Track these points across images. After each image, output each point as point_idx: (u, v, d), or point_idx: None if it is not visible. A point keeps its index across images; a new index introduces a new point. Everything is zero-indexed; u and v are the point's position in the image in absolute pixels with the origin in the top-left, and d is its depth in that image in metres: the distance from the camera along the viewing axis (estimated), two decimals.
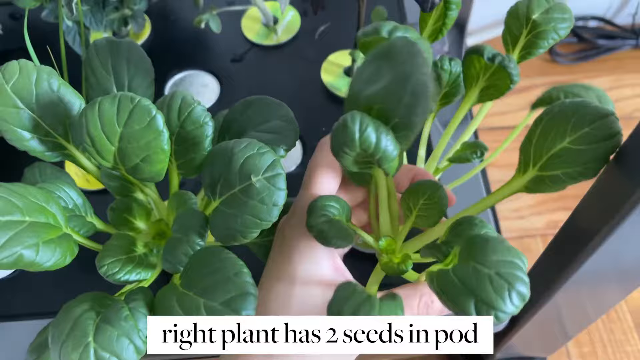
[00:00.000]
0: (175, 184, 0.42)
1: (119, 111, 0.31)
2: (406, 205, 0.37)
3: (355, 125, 0.29)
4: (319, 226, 0.34)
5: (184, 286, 0.32)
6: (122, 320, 0.30)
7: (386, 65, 0.31)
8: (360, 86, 0.32)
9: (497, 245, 0.28)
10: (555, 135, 0.30)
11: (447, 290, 0.28)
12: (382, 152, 0.30)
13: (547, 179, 0.31)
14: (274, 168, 0.32)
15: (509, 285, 0.26)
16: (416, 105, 0.30)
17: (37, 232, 0.31)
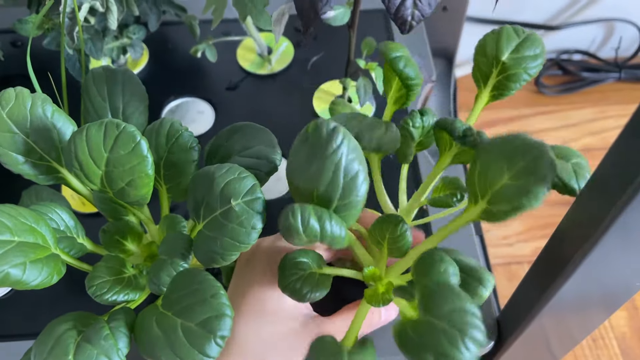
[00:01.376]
0: (166, 207, 0.43)
1: (105, 137, 0.33)
2: (375, 240, 0.38)
3: (297, 221, 0.31)
4: (292, 285, 0.35)
5: (164, 307, 0.33)
6: (102, 339, 0.31)
7: (316, 148, 0.32)
8: (296, 172, 0.34)
9: (447, 294, 0.29)
10: (495, 173, 0.31)
11: (408, 346, 0.29)
12: (329, 237, 0.32)
13: (496, 212, 0.32)
14: (253, 192, 0.33)
15: (461, 334, 0.27)
16: (352, 189, 0.32)
17: (25, 251, 0.33)
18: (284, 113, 0.62)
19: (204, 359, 0.30)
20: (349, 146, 0.32)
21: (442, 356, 0.27)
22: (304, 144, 0.33)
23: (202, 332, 0.30)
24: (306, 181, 0.33)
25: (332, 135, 0.32)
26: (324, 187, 0.32)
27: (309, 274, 0.36)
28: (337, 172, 0.32)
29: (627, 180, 0.28)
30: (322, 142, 0.32)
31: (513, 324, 0.45)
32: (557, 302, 0.39)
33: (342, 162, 0.32)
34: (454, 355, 0.27)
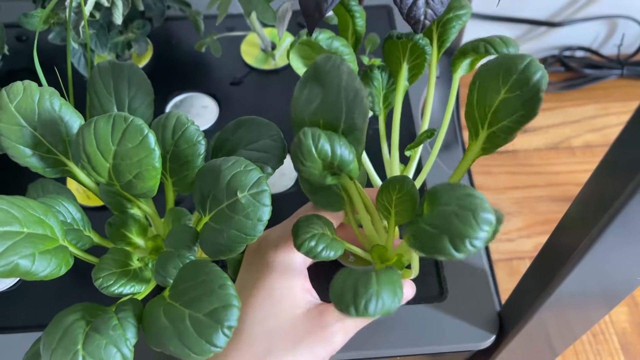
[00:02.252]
0: (171, 200, 0.44)
1: (113, 130, 0.33)
2: (382, 205, 0.39)
3: (309, 140, 0.32)
4: (307, 243, 0.36)
5: (171, 298, 0.33)
6: (111, 329, 0.32)
7: (317, 83, 0.34)
8: (302, 107, 0.35)
9: (455, 187, 0.30)
10: (492, 92, 0.34)
11: (422, 239, 0.30)
12: (340, 157, 0.33)
13: (498, 132, 0.34)
14: (259, 185, 0.34)
15: (472, 212, 0.28)
16: (354, 109, 0.33)
17: (34, 243, 0.33)
18: (288, 108, 0.61)
19: (211, 349, 0.30)
20: (348, 69, 0.33)
21: (457, 237, 0.28)
22: (305, 85, 0.35)
23: (210, 323, 0.30)
24: (311, 116, 0.35)
25: (330, 61, 0.34)
26: (328, 112, 0.34)
27: (322, 234, 0.36)
28: (339, 92, 0.33)
29: (628, 177, 0.28)
30: (322, 74, 0.34)
31: (514, 318, 0.45)
32: (557, 297, 0.39)
33: (342, 82, 0.33)
34: (468, 233, 0.28)
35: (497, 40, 0.44)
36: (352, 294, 0.30)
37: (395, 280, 0.31)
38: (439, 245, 0.28)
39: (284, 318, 0.37)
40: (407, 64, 0.47)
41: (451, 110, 0.48)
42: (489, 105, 0.34)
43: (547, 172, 0.77)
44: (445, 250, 0.28)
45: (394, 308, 0.30)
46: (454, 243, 0.28)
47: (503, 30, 0.86)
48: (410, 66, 0.47)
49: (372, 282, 0.30)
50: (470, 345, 0.47)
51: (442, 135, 0.48)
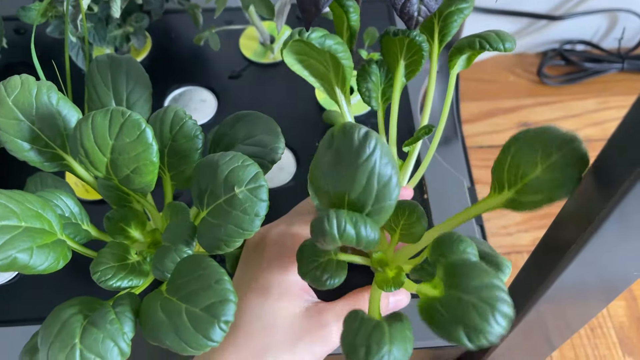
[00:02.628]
0: (170, 194, 0.44)
1: (110, 124, 0.33)
2: (389, 226, 0.39)
3: (333, 228, 0.31)
4: (312, 273, 0.36)
5: (168, 292, 0.33)
6: (108, 323, 0.32)
7: (346, 154, 0.32)
8: (326, 172, 0.33)
9: (474, 269, 0.29)
10: (527, 165, 0.32)
11: (437, 322, 0.29)
12: (365, 241, 0.32)
13: (525, 202, 0.33)
14: (256, 180, 0.34)
15: (491, 308, 0.28)
16: (385, 195, 0.32)
17: (32, 237, 0.33)
18: (286, 102, 0.62)
19: (208, 343, 0.30)
20: (382, 151, 0.31)
21: (472, 330, 0.28)
22: (329, 148, 0.33)
23: (206, 317, 0.30)
24: (336, 186, 0.33)
25: (365, 141, 0.31)
26: (357, 193, 0.32)
27: (328, 261, 0.36)
28: (371, 179, 0.31)
29: (626, 170, 0.28)
30: (354, 149, 0.31)
31: None
32: (555, 291, 0.39)
33: (375, 168, 0.31)
34: (484, 329, 0.27)
35: (493, 36, 0.44)
36: (365, 350, 0.30)
37: (406, 335, 0.31)
38: (453, 334, 0.28)
39: (282, 316, 0.37)
40: (404, 61, 0.47)
41: (449, 106, 0.48)
42: (521, 176, 0.32)
43: None
44: (458, 339, 0.28)
45: None
46: (469, 335, 0.28)
47: (503, 23, 0.86)
48: (408, 62, 0.47)
49: (385, 339, 0.30)
50: None
51: (440, 130, 0.49)
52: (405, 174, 0.50)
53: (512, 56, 0.90)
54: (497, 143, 0.80)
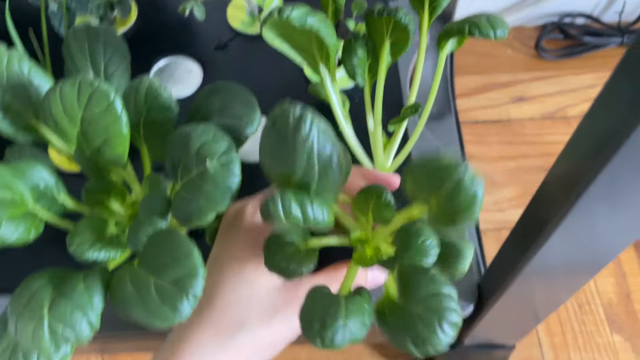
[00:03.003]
0: (148, 167, 0.43)
1: (79, 95, 0.33)
2: (359, 210, 0.38)
3: (278, 209, 0.31)
4: (278, 264, 0.35)
5: (139, 265, 0.33)
6: (77, 295, 0.32)
7: (284, 137, 0.31)
8: (271, 155, 0.33)
9: (423, 278, 0.30)
10: (424, 198, 0.31)
11: (387, 329, 0.30)
12: (313, 221, 0.32)
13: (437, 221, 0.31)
14: (228, 154, 0.33)
15: (438, 318, 0.28)
16: (328, 169, 0.32)
17: (2, 208, 0.33)
18: (273, 74, 0.61)
19: (175, 316, 0.30)
20: (319, 129, 0.31)
21: (420, 341, 0.28)
22: (272, 130, 0.33)
23: (174, 290, 0.30)
24: (281, 167, 0.33)
25: (300, 122, 0.31)
26: (300, 174, 0.32)
27: (295, 251, 0.36)
28: (311, 158, 0.31)
29: (606, 139, 0.28)
30: (290, 130, 0.31)
31: (493, 287, 0.45)
32: (538, 263, 0.39)
33: (314, 148, 0.31)
34: (431, 340, 0.28)
35: (483, 22, 0.42)
36: (320, 325, 0.30)
37: (364, 309, 0.31)
38: (401, 343, 0.29)
39: (259, 288, 0.37)
40: (390, 39, 0.45)
41: (437, 85, 0.47)
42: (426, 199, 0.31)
43: (541, 142, 0.76)
44: (408, 348, 0.29)
45: (362, 336, 0.30)
46: (416, 345, 0.28)
47: None
48: (393, 41, 0.45)
49: (340, 313, 0.30)
50: None
51: (428, 108, 0.48)
52: (391, 152, 0.49)
53: (510, 29, 0.88)
54: (493, 118, 0.79)
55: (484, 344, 0.56)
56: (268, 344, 0.37)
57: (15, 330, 0.31)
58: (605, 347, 0.63)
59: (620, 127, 0.27)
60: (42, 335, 0.30)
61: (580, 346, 0.63)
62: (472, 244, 0.39)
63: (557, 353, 0.63)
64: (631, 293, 0.66)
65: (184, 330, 0.37)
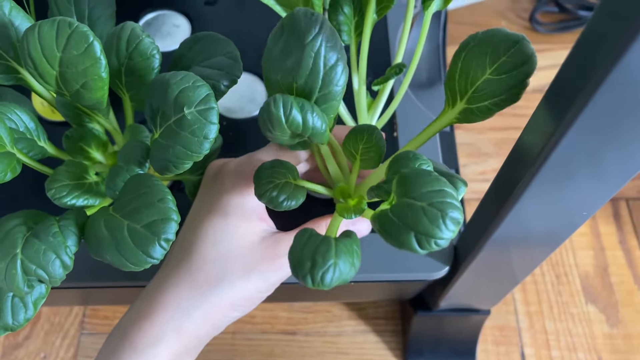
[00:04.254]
0: (130, 116, 0.43)
1: (57, 35, 0.32)
2: (348, 152, 0.38)
3: (279, 110, 0.31)
4: (268, 193, 0.35)
5: (114, 209, 0.33)
6: (51, 236, 0.32)
7: (293, 40, 0.32)
8: (275, 62, 0.33)
9: (426, 177, 0.30)
10: (477, 69, 0.32)
11: (388, 229, 0.29)
12: (312, 130, 0.32)
13: (476, 110, 0.33)
14: (207, 102, 0.33)
15: (441, 213, 0.28)
16: (332, 79, 0.32)
17: None
18: (264, 31, 0.60)
19: (147, 260, 0.30)
20: (327, 33, 0.31)
21: (422, 235, 0.28)
22: (279, 37, 0.33)
23: (146, 234, 0.30)
24: (284, 75, 0.33)
25: (310, 22, 0.31)
26: (304, 78, 0.32)
27: (285, 183, 0.36)
28: (317, 61, 0.31)
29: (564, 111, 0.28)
30: (301, 31, 0.31)
31: (468, 249, 0.45)
32: (509, 226, 0.39)
33: (321, 50, 0.31)
34: (434, 234, 0.28)
35: None
36: (310, 264, 0.30)
37: (354, 250, 0.31)
38: (404, 240, 0.28)
39: (238, 243, 0.37)
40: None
41: (422, 45, 0.47)
42: (471, 82, 0.33)
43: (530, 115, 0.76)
44: (409, 245, 0.28)
45: (350, 277, 0.31)
46: (419, 241, 0.28)
47: None
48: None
49: (331, 253, 0.30)
50: (424, 275, 0.48)
51: (412, 68, 0.47)
52: (375, 112, 0.49)
53: (505, 0, 0.87)
54: None
55: (459, 308, 0.57)
56: (245, 299, 0.37)
57: None
58: (579, 317, 0.64)
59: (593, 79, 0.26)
60: (15, 274, 0.31)
61: (555, 316, 0.65)
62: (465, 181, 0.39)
63: (532, 321, 0.64)
64: (609, 266, 0.67)
65: (161, 282, 0.37)
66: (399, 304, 0.67)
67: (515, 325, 0.64)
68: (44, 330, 0.65)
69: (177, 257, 0.38)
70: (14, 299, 0.34)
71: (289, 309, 0.70)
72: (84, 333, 0.65)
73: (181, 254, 0.38)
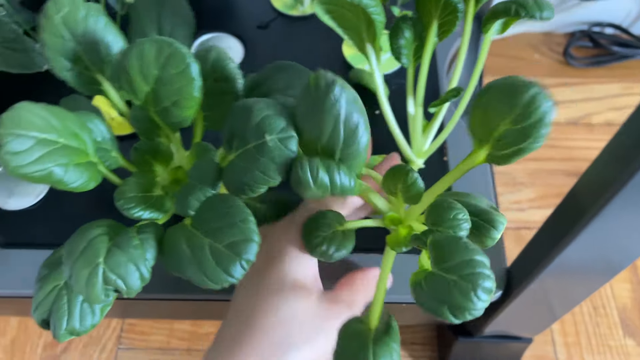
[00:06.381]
0: (199, 134, 0.43)
1: (158, 54, 0.33)
2: (388, 190, 0.39)
3: (307, 174, 0.32)
4: (318, 248, 0.36)
5: (193, 226, 0.34)
6: (132, 247, 0.32)
7: (316, 102, 0.33)
8: (303, 117, 0.34)
9: (456, 247, 0.31)
10: (496, 118, 0.32)
11: (423, 300, 0.31)
12: (339, 188, 0.33)
13: (501, 157, 0.33)
14: (287, 130, 0.34)
15: (472, 285, 0.29)
16: (353, 141, 0.33)
17: (69, 154, 0.34)
18: (313, 56, 0.62)
19: (227, 279, 0.31)
20: (347, 99, 0.33)
21: (456, 308, 0.29)
22: (307, 95, 0.34)
23: (228, 254, 0.31)
24: (310, 132, 0.34)
25: (330, 88, 0.32)
26: (326, 139, 0.33)
27: (333, 233, 0.37)
28: (337, 124, 0.33)
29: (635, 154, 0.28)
30: (321, 95, 0.32)
31: (522, 276, 0.46)
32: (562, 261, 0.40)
33: (341, 114, 0.32)
34: (467, 306, 0.29)
35: (530, 3, 0.43)
36: None
37: (392, 350, 0.32)
38: (440, 312, 0.30)
39: (299, 308, 0.37)
40: (438, 20, 0.46)
41: (480, 70, 0.48)
42: (490, 130, 0.33)
43: (564, 147, 0.77)
44: (444, 316, 0.29)
45: None
46: (453, 313, 0.29)
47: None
48: (441, 22, 0.46)
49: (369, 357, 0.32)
50: None
51: (468, 95, 0.48)
52: (429, 135, 0.50)
53: (539, 34, 0.89)
54: None
55: (502, 335, 0.57)
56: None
57: (71, 274, 0.32)
58: (617, 350, 0.64)
59: None
60: (96, 282, 0.31)
61: (594, 347, 0.64)
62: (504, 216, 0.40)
63: (570, 353, 0.64)
64: None
65: (225, 347, 0.36)
66: (436, 329, 0.67)
67: (554, 356, 0.64)
68: (82, 343, 0.65)
69: (238, 325, 0.37)
70: (83, 304, 0.34)
71: None
72: (121, 348, 0.65)
73: (242, 322, 0.37)
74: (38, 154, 0.32)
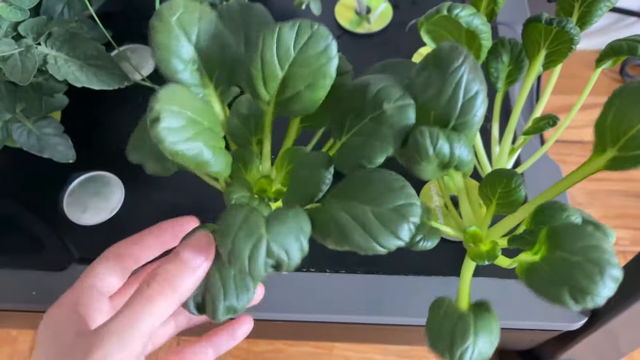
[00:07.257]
0: (292, 137, 0.42)
1: (297, 36, 0.35)
2: (484, 195, 0.38)
3: (426, 140, 0.32)
4: None
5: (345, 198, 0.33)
6: (290, 219, 0.32)
7: (436, 71, 0.33)
8: (417, 92, 0.34)
9: (581, 232, 0.29)
10: (632, 116, 0.30)
11: (538, 282, 0.29)
12: (458, 159, 0.33)
13: (629, 159, 0.31)
14: (404, 98, 0.34)
15: (600, 269, 0.27)
16: (469, 109, 0.33)
17: (213, 137, 0.34)
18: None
19: (396, 241, 0.31)
20: (470, 65, 0.33)
21: (578, 291, 0.27)
22: (422, 70, 0.34)
23: (394, 216, 0.31)
24: (422, 105, 0.34)
25: (454, 54, 0.33)
26: (442, 106, 0.33)
27: (421, 223, 0.36)
28: (457, 90, 0.33)
29: None
30: (443, 62, 0.33)
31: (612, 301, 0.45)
32: None
33: (462, 80, 0.32)
34: (591, 290, 0.27)
35: None
36: (449, 341, 0.31)
37: (493, 328, 0.32)
38: (557, 294, 0.28)
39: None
40: (546, 50, 0.46)
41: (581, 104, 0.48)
42: (624, 130, 0.31)
43: None
44: (562, 299, 0.28)
45: (489, 355, 0.31)
46: (574, 296, 0.28)
47: None
48: (550, 52, 0.46)
49: (470, 332, 0.31)
50: (558, 325, 0.46)
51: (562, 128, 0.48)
52: (510, 162, 0.49)
53: (595, 52, 0.91)
54: (574, 138, 0.82)
55: None
56: None
57: (231, 247, 0.31)
58: None
59: None
60: (259, 255, 0.30)
61: None
62: None
63: None
64: None
65: None
66: (497, 354, 0.66)
67: None
68: None
69: None
70: (236, 279, 0.34)
71: (384, 352, 0.69)
72: None
73: None
74: (189, 133, 0.32)
